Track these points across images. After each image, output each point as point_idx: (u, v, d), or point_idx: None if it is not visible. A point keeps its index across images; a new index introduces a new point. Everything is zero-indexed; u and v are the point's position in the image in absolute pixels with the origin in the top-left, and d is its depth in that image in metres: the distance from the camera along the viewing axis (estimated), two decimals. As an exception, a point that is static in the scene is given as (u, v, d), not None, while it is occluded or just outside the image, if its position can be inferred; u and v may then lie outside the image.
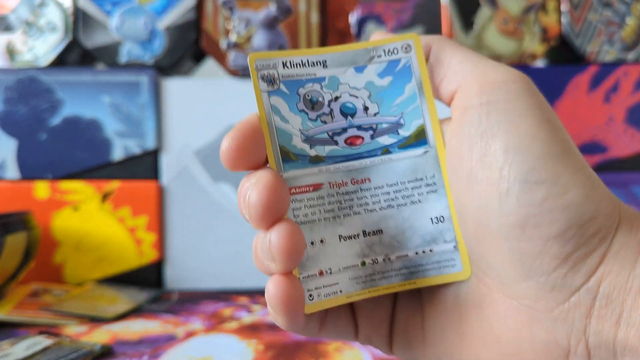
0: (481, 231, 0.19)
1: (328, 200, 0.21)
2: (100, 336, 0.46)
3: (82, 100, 0.61)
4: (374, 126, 0.22)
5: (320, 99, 0.22)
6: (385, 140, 0.22)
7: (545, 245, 0.18)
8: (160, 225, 0.62)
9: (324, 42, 0.62)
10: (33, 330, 0.47)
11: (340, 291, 0.21)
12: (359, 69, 0.22)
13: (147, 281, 0.62)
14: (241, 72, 0.62)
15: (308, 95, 0.22)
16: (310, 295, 0.20)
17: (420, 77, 0.22)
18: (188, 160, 0.62)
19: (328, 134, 0.22)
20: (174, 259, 0.63)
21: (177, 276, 0.63)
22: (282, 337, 0.43)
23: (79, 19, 0.61)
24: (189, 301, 0.57)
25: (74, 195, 0.61)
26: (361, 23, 0.62)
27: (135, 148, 0.62)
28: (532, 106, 0.19)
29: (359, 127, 0.22)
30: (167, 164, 0.62)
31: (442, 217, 0.21)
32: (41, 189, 0.61)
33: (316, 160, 0.21)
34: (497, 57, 0.63)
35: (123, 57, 0.62)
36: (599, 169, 0.63)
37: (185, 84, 0.62)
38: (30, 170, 0.62)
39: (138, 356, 0.42)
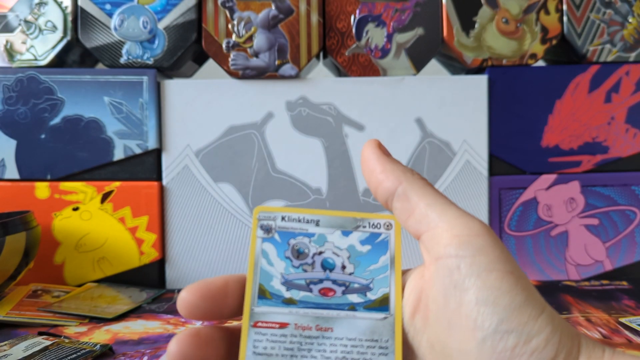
0: None
1: (290, 339, 0.24)
2: (100, 336, 0.46)
3: (82, 100, 0.61)
4: (347, 284, 0.25)
5: (306, 251, 0.25)
6: (354, 298, 0.25)
7: None
8: (160, 226, 0.62)
9: (324, 42, 0.62)
10: (32, 330, 0.47)
11: None
12: (346, 233, 0.26)
13: (147, 281, 0.62)
14: (241, 73, 0.61)
15: (296, 246, 0.25)
16: None
17: (394, 253, 0.26)
18: (188, 161, 0.62)
19: (305, 282, 0.25)
20: (174, 259, 0.63)
21: (177, 276, 0.63)
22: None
23: (79, 19, 0.61)
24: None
25: (74, 195, 0.61)
26: (361, 23, 0.62)
27: (135, 148, 0.61)
28: (494, 259, 0.22)
29: (334, 282, 0.25)
30: (168, 164, 0.62)
31: None
32: (41, 189, 0.61)
33: (289, 302, 0.24)
34: (497, 57, 0.63)
35: (123, 57, 0.61)
36: (600, 169, 0.63)
37: (185, 85, 0.62)
38: (30, 170, 0.61)
39: (138, 356, 0.42)
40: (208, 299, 0.25)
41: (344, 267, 0.25)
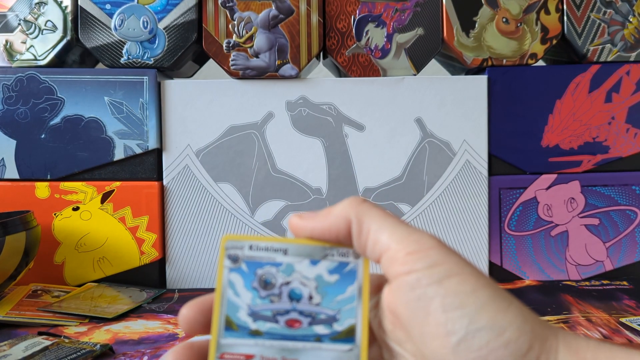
0: None
1: None
2: (100, 336, 0.46)
3: (83, 100, 0.61)
4: (314, 315, 0.25)
5: (273, 281, 0.25)
6: (320, 329, 0.25)
7: None
8: (160, 226, 0.62)
9: (324, 42, 0.62)
10: (32, 330, 0.47)
11: None
12: (314, 262, 0.25)
13: (147, 281, 0.62)
14: (242, 73, 0.61)
15: (263, 277, 0.25)
16: None
17: (362, 283, 0.25)
18: (189, 161, 0.62)
19: (272, 313, 0.25)
20: (174, 258, 0.63)
21: (178, 276, 0.63)
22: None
23: (79, 19, 0.61)
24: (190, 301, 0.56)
25: (74, 195, 0.61)
26: (361, 23, 0.62)
27: (135, 148, 0.61)
28: (452, 266, 0.23)
29: (300, 313, 0.25)
30: (168, 164, 0.62)
31: None
32: (41, 188, 0.61)
33: (255, 334, 0.24)
34: (497, 57, 0.63)
35: (123, 57, 0.61)
36: (601, 169, 0.63)
37: (185, 85, 0.62)
38: (30, 170, 0.61)
39: (138, 356, 0.42)
40: (206, 313, 0.25)
41: (311, 298, 0.25)
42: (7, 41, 0.62)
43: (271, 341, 0.24)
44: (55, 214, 0.61)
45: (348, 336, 0.25)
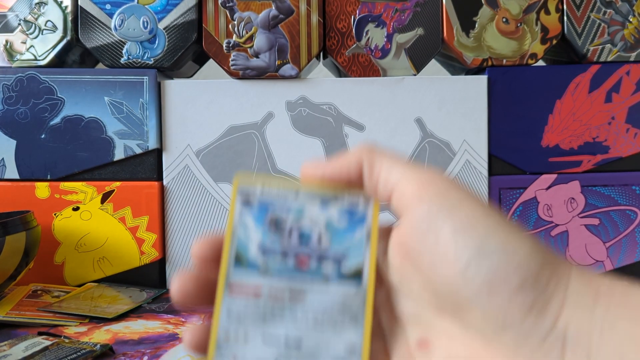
0: (455, 299, 0.23)
1: (263, 304, 0.24)
2: (100, 336, 0.46)
3: (83, 100, 0.61)
4: (322, 255, 0.25)
5: (284, 222, 0.26)
6: (328, 269, 0.25)
7: (510, 299, 0.21)
8: (160, 226, 0.62)
9: (324, 42, 0.62)
10: (32, 330, 0.47)
11: None
12: (324, 206, 0.26)
13: (147, 281, 0.62)
14: (242, 73, 0.61)
15: (274, 217, 0.26)
16: None
17: (371, 227, 0.26)
18: (189, 161, 0.62)
19: (281, 252, 0.25)
20: (174, 258, 0.63)
21: (178, 276, 0.63)
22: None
23: (79, 19, 0.61)
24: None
25: (74, 195, 0.61)
26: (361, 23, 0.62)
27: (135, 148, 0.61)
28: (462, 196, 0.23)
29: (309, 253, 0.25)
30: (168, 164, 0.62)
31: (354, 349, 0.24)
32: (41, 189, 0.61)
33: (264, 270, 0.25)
34: (497, 57, 0.63)
35: (123, 57, 0.61)
36: (601, 169, 0.63)
37: (185, 85, 0.62)
38: (30, 170, 0.61)
39: (138, 356, 0.42)
40: (216, 249, 0.26)
41: (320, 239, 0.26)
42: (7, 41, 0.61)
43: (279, 278, 0.25)
44: (55, 214, 0.61)
45: (355, 276, 0.25)
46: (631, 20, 0.63)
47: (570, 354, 0.21)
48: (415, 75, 0.63)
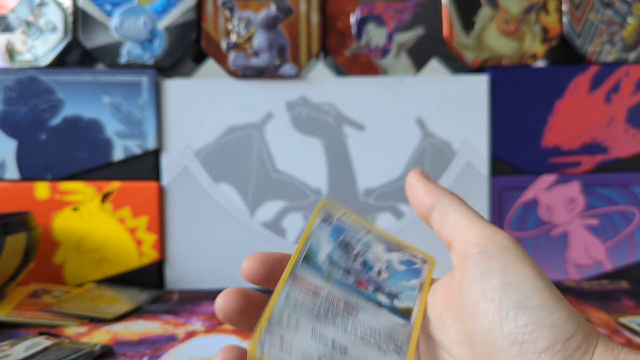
0: (488, 350, 0.24)
1: (320, 303, 0.26)
2: (100, 337, 0.46)
3: (82, 100, 0.61)
4: (380, 286, 0.28)
5: (352, 246, 0.28)
6: (382, 299, 0.27)
7: (539, 358, 0.22)
8: (160, 226, 0.62)
9: (324, 42, 0.62)
10: (33, 330, 0.47)
11: None
12: (389, 250, 0.29)
13: (147, 282, 0.62)
14: (241, 73, 0.61)
15: (346, 239, 0.28)
16: (262, 345, 0.24)
17: (424, 281, 0.28)
18: (188, 161, 0.62)
19: (345, 268, 0.27)
20: (174, 259, 0.63)
21: (178, 276, 0.63)
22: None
23: (79, 19, 0.61)
24: (190, 301, 0.57)
25: (74, 196, 0.61)
26: (361, 23, 0.62)
27: (135, 148, 0.61)
28: (518, 255, 0.25)
29: (369, 279, 0.28)
30: (167, 165, 0.62)
31: None
32: (41, 189, 0.61)
33: (327, 276, 0.27)
34: (497, 57, 0.63)
35: (123, 57, 0.61)
36: (600, 169, 0.63)
37: (185, 85, 0.62)
38: (30, 170, 0.61)
39: (138, 357, 0.42)
40: (268, 265, 0.28)
41: (379, 273, 0.28)
42: (8, 42, 0.61)
43: (339, 287, 0.26)
44: (55, 214, 0.61)
45: (404, 314, 0.27)
46: (629, 21, 0.63)
47: None
48: (415, 75, 0.63)
